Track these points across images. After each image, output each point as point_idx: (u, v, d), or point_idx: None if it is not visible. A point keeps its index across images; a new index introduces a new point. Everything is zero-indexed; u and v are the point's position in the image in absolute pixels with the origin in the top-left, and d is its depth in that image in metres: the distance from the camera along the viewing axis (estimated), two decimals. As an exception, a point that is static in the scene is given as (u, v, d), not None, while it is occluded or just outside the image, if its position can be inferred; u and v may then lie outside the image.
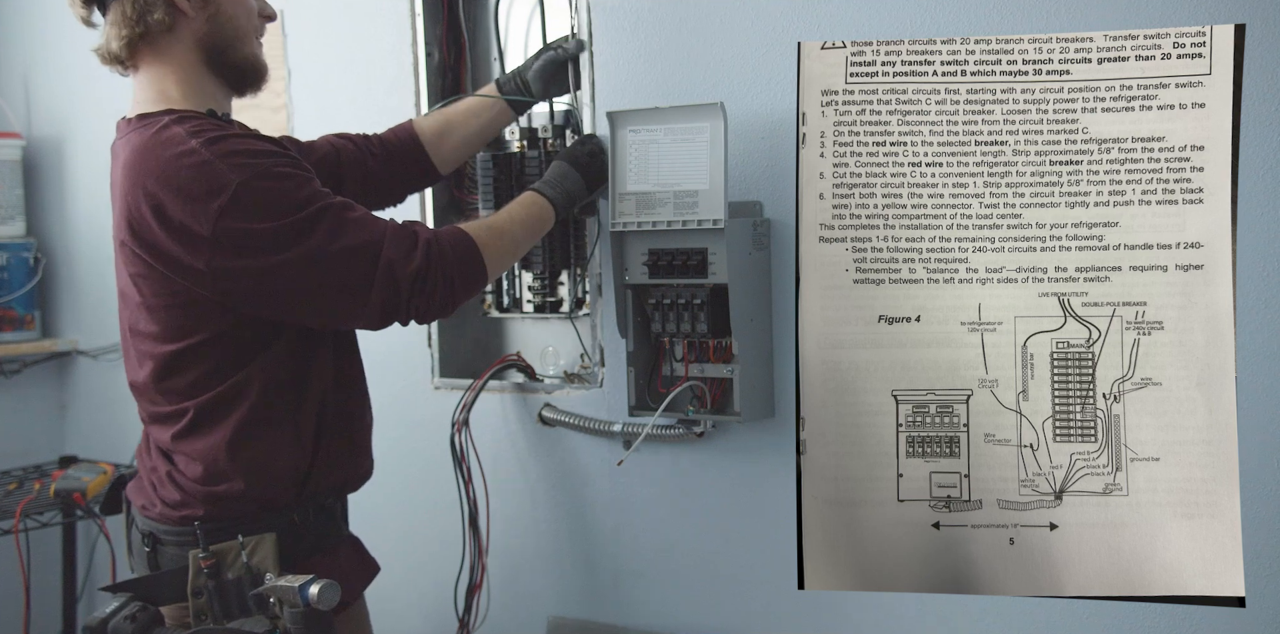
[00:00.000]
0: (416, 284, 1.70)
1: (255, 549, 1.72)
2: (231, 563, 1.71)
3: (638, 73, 2.12)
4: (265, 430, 1.74)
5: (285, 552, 1.75)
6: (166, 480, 1.77)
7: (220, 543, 1.72)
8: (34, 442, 3.21)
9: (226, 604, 1.70)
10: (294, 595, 1.62)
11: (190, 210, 1.61)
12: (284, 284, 1.66)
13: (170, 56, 1.74)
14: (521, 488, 2.34)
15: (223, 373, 1.72)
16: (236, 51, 1.78)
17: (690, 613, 2.16)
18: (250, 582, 1.70)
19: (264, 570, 1.71)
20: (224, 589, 1.70)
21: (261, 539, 1.73)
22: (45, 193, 3.25)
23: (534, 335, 2.42)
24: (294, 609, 1.62)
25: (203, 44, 1.75)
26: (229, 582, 1.70)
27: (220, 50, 1.76)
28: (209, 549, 1.71)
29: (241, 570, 1.71)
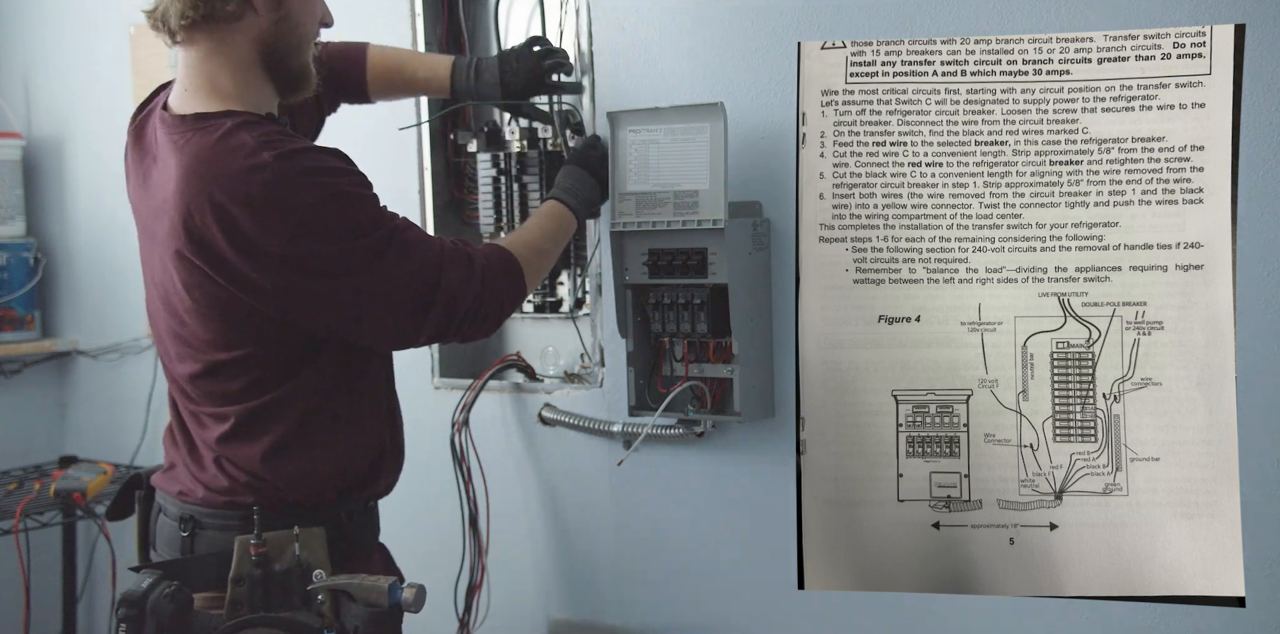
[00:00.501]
0: (471, 310, 1.71)
1: (306, 542, 1.67)
2: (282, 553, 1.66)
3: (638, 73, 2.12)
4: (306, 445, 1.71)
5: (332, 550, 1.70)
6: (213, 465, 1.72)
7: (273, 531, 1.66)
8: (34, 442, 3.21)
9: (269, 595, 1.64)
10: (381, 595, 1.59)
11: (261, 227, 1.57)
12: (346, 305, 1.65)
13: (228, 49, 1.67)
14: (521, 488, 2.34)
15: (267, 384, 1.69)
16: (295, 58, 1.73)
17: (691, 613, 2.16)
18: (299, 575, 1.65)
19: (313, 566, 1.66)
20: (270, 579, 1.64)
21: (312, 533, 1.68)
22: (45, 193, 3.25)
23: (534, 335, 2.42)
24: (372, 609, 1.59)
25: (264, 44, 1.68)
26: (276, 572, 1.65)
27: (280, 54, 1.70)
28: (262, 536, 1.64)
29: (291, 562, 1.66)
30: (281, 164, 1.58)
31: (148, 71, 2.89)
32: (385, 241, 1.64)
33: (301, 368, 1.70)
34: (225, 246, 1.58)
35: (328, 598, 1.64)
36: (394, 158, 2.43)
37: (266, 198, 1.57)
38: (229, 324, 1.66)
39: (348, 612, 1.64)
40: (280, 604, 1.64)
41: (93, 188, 3.13)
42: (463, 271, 1.69)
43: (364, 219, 1.63)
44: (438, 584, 2.34)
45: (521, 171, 2.27)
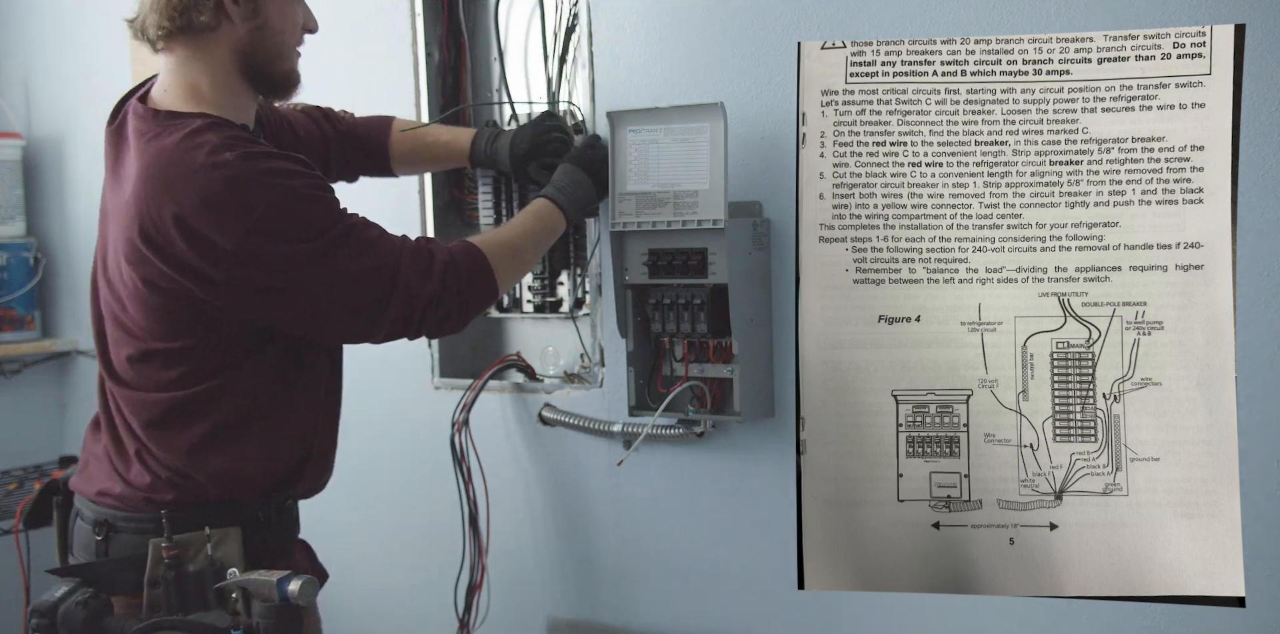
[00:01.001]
0: (430, 307, 1.71)
1: (221, 543, 1.70)
2: (195, 554, 1.69)
3: (638, 73, 2.12)
4: (237, 438, 1.73)
5: (248, 548, 1.72)
6: (135, 459, 1.73)
7: (185, 533, 1.69)
8: (34, 442, 3.21)
9: (184, 597, 1.66)
10: (270, 590, 1.60)
11: (216, 223, 1.60)
12: (300, 303, 1.66)
13: (206, 56, 1.72)
14: (521, 488, 2.34)
15: (204, 374, 1.71)
16: (275, 65, 1.76)
17: (690, 613, 2.16)
18: (213, 575, 1.67)
19: (228, 565, 1.68)
20: (184, 581, 1.67)
21: (228, 533, 1.71)
22: (45, 193, 3.25)
23: (534, 335, 2.42)
24: (267, 604, 1.60)
25: (242, 52, 1.73)
26: (190, 574, 1.67)
27: (259, 62, 1.74)
28: (173, 539, 1.67)
29: (204, 563, 1.68)
30: (242, 164, 1.61)
31: (148, 71, 2.86)
32: (340, 240, 1.65)
33: (242, 360, 1.72)
34: (179, 241, 1.61)
35: (240, 596, 1.65)
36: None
37: (224, 195, 1.60)
38: (172, 316, 1.68)
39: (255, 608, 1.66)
40: (196, 605, 1.67)
41: (93, 188, 3.11)
42: (420, 269, 1.70)
43: (320, 219, 1.65)
44: (438, 584, 2.34)
45: (521, 171, 2.27)
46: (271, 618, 1.61)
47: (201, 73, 1.72)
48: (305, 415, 1.79)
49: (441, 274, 1.72)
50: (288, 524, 1.84)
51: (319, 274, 1.64)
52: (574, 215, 2.01)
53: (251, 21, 1.72)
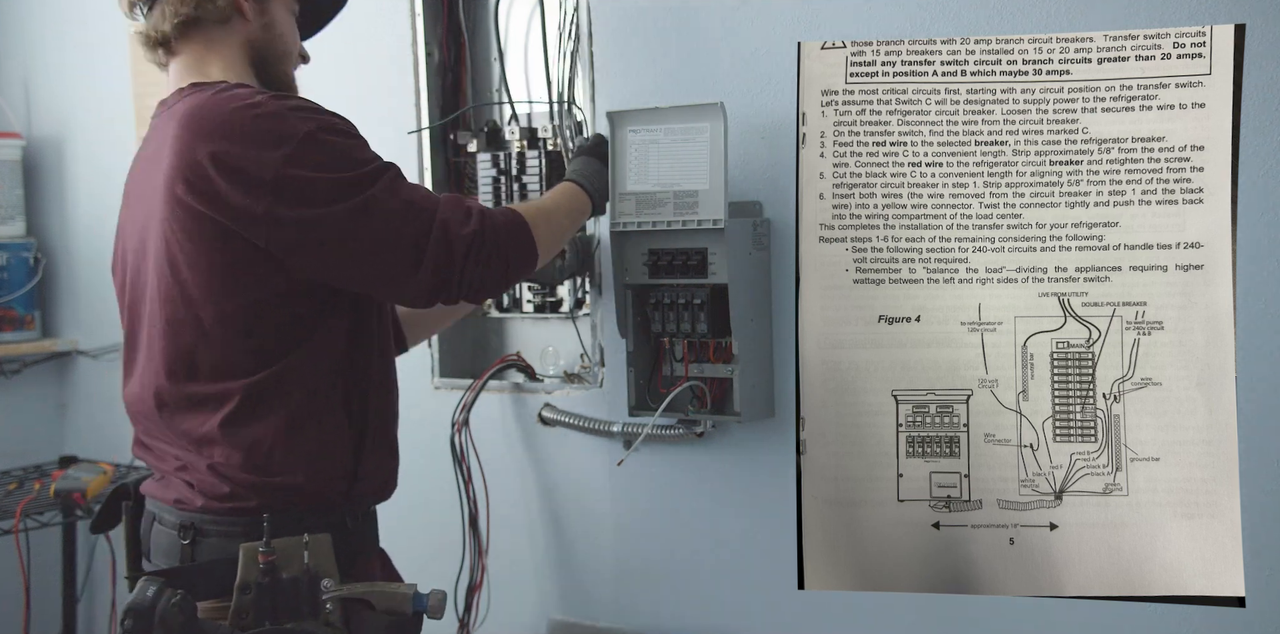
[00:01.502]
0: (472, 249, 1.65)
1: (315, 549, 1.64)
2: (289, 561, 1.62)
3: (638, 73, 2.12)
4: (322, 417, 1.68)
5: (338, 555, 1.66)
6: (209, 473, 1.67)
7: (282, 537, 1.61)
8: (34, 442, 3.21)
9: (276, 604, 1.60)
10: (405, 602, 1.57)
11: (254, 156, 1.59)
12: (338, 236, 1.61)
13: (219, 47, 1.75)
14: (521, 487, 2.34)
15: (274, 351, 1.65)
16: (279, 66, 1.80)
17: (690, 613, 2.16)
18: (307, 583, 1.61)
19: (322, 573, 1.62)
20: (278, 587, 1.60)
21: (319, 539, 1.64)
22: (45, 193, 3.25)
23: (534, 335, 2.42)
24: (393, 617, 1.57)
25: (253, 47, 1.77)
26: (284, 581, 1.60)
27: (267, 60, 1.78)
28: (270, 544, 1.60)
29: (300, 570, 1.62)
30: (275, 102, 1.63)
31: (148, 71, 2.86)
32: (375, 175, 1.63)
33: (308, 335, 1.67)
34: (219, 181, 1.59)
35: (337, 606, 1.60)
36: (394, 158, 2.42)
37: (259, 128, 1.60)
38: (225, 273, 1.63)
39: (360, 620, 1.61)
40: (288, 613, 1.60)
41: (93, 188, 3.13)
42: (460, 214, 1.66)
43: (354, 153, 1.64)
44: (438, 584, 2.34)
45: (521, 171, 2.27)
46: (393, 630, 1.58)
47: (214, 64, 1.74)
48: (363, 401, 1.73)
49: (479, 220, 1.67)
50: (370, 531, 1.80)
51: (356, 204, 1.61)
52: (599, 201, 1.99)
53: (263, 18, 1.77)
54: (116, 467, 2.83)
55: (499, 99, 2.41)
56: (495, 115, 2.40)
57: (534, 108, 2.34)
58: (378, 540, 1.83)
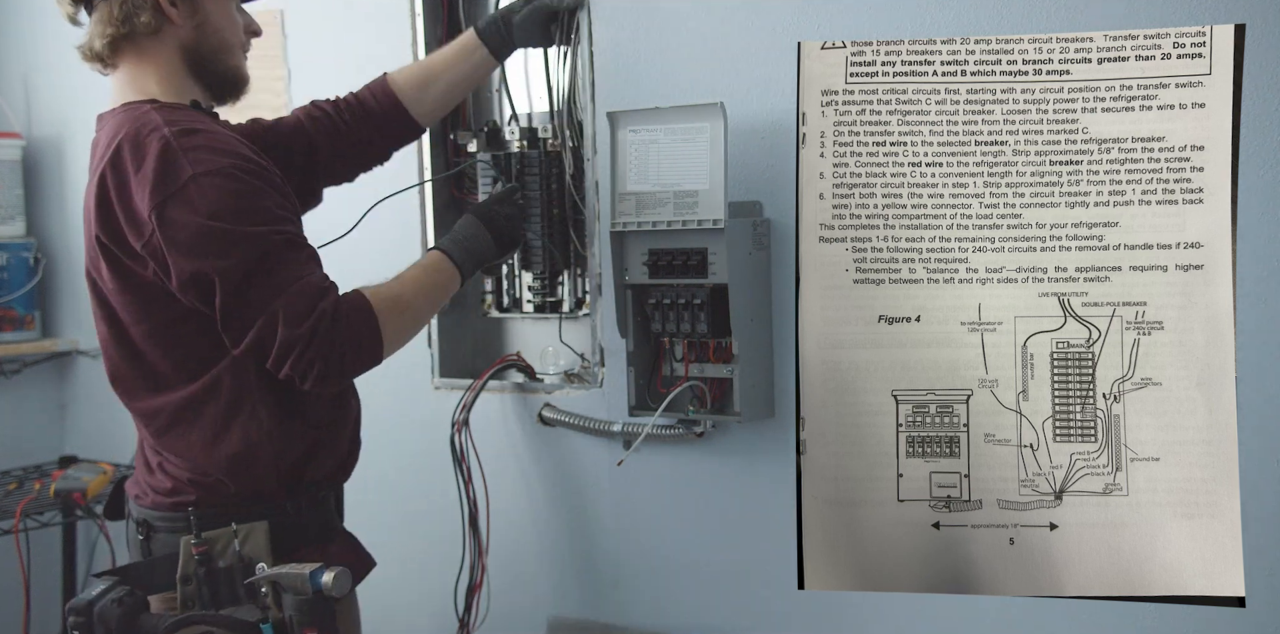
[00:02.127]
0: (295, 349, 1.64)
1: (248, 537, 1.72)
2: (223, 550, 1.71)
3: (638, 73, 2.12)
4: (251, 420, 1.74)
5: (277, 542, 1.74)
6: (157, 470, 1.78)
7: (213, 530, 1.71)
8: (34, 442, 3.21)
9: (216, 592, 1.70)
10: (303, 582, 1.59)
11: (141, 190, 1.64)
12: (194, 287, 1.65)
13: (153, 57, 1.78)
14: (521, 488, 2.34)
15: (203, 361, 1.72)
16: (220, 62, 1.81)
17: (690, 613, 2.16)
18: (242, 570, 1.69)
19: (256, 559, 1.70)
20: (214, 577, 1.70)
21: (254, 528, 1.73)
22: (45, 193, 3.25)
23: (534, 335, 2.42)
24: (300, 597, 1.60)
25: (187, 50, 1.78)
26: (220, 569, 1.70)
27: (204, 59, 1.80)
28: (201, 536, 1.70)
29: (233, 558, 1.71)
30: (177, 139, 1.65)
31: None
32: (249, 236, 1.63)
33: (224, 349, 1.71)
34: (115, 203, 1.67)
35: (270, 590, 1.65)
36: (394, 158, 2.43)
37: (155, 165, 1.63)
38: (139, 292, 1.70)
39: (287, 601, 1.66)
40: (227, 600, 1.69)
41: (93, 188, 3.13)
42: (301, 306, 1.64)
43: (237, 201, 1.64)
44: (438, 584, 2.34)
45: (521, 171, 2.27)
46: (305, 611, 1.61)
47: (149, 74, 1.78)
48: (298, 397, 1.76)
49: (315, 320, 1.65)
50: (321, 515, 1.82)
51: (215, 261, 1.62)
52: (468, 271, 1.93)
53: (192, 20, 1.78)
54: (116, 467, 2.83)
55: (498, 99, 2.41)
56: (495, 115, 2.40)
57: (534, 107, 2.34)
58: (337, 523, 1.87)
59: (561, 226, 2.27)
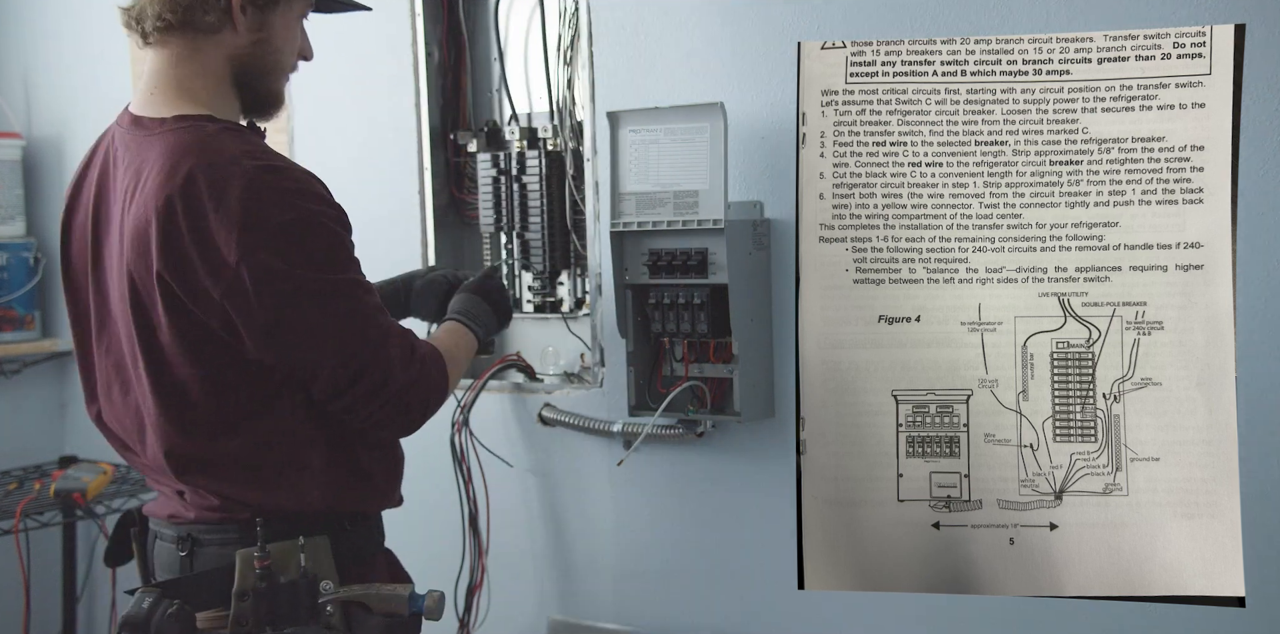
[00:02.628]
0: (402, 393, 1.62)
1: (312, 552, 1.62)
2: (287, 565, 1.60)
3: (638, 73, 2.12)
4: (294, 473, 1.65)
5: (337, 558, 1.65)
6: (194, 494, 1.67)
7: (276, 542, 1.60)
8: (34, 442, 3.21)
9: (275, 609, 1.58)
10: (400, 605, 1.56)
11: (226, 232, 1.53)
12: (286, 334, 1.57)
13: (202, 57, 1.66)
14: (521, 488, 2.34)
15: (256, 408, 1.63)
16: (266, 83, 1.71)
17: (690, 613, 2.16)
18: (306, 587, 1.59)
19: (321, 576, 1.61)
20: (276, 592, 1.58)
21: (317, 542, 1.63)
22: (45, 193, 3.25)
23: (534, 335, 2.42)
24: (390, 618, 1.56)
25: (238, 61, 1.67)
26: (282, 585, 1.59)
27: (253, 74, 1.69)
28: (265, 548, 1.58)
29: (297, 573, 1.60)
30: (263, 176, 1.55)
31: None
32: (342, 285, 1.59)
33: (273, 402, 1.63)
34: (188, 240, 1.54)
35: (337, 609, 1.59)
36: (394, 158, 2.43)
37: (240, 207, 1.53)
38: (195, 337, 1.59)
39: (361, 622, 1.60)
40: (287, 618, 1.59)
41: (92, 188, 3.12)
42: (405, 351, 1.63)
43: (329, 252, 1.59)
44: (438, 584, 2.34)
45: (521, 171, 2.27)
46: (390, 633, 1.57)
47: (195, 75, 1.66)
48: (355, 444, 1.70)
49: (420, 364, 1.64)
50: (372, 531, 1.77)
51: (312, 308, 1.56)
52: (483, 339, 1.95)
53: (256, 33, 1.67)
54: (116, 467, 2.83)
55: (499, 99, 2.41)
56: (495, 115, 2.41)
57: (534, 107, 2.34)
58: (383, 541, 1.81)
59: (561, 226, 2.27)
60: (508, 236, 2.33)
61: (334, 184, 1.70)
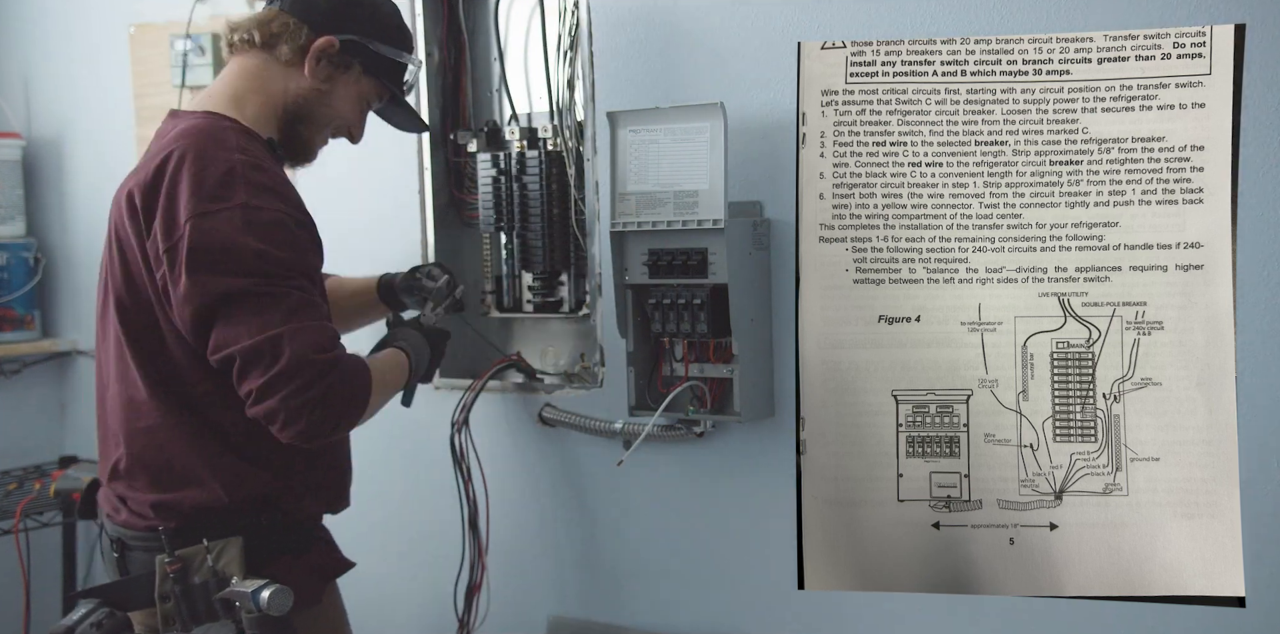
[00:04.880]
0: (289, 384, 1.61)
1: (221, 553, 1.72)
2: (198, 567, 1.71)
3: (638, 73, 2.12)
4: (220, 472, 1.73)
5: (253, 551, 1.73)
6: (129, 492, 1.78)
7: (187, 547, 1.71)
8: (34, 442, 3.21)
9: (193, 609, 1.70)
10: (247, 600, 1.63)
11: (191, 195, 1.63)
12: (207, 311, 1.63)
13: (267, 78, 1.80)
14: (521, 488, 2.34)
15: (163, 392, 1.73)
16: (306, 129, 1.83)
17: (690, 613, 2.16)
18: (216, 585, 1.70)
19: (230, 574, 1.70)
20: (190, 593, 1.70)
21: (228, 543, 1.72)
22: (45, 193, 3.25)
23: (534, 335, 2.42)
24: (251, 615, 1.63)
25: (296, 100, 1.81)
26: (195, 586, 1.70)
27: (300, 116, 1.82)
28: (175, 554, 1.70)
29: (208, 574, 1.71)
30: (246, 169, 1.65)
31: (148, 72, 2.89)
32: (282, 275, 1.63)
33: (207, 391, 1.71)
34: (160, 204, 1.65)
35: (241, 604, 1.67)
36: (394, 158, 2.43)
37: (212, 180, 1.63)
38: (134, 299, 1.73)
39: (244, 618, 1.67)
40: (204, 616, 1.70)
41: (93, 188, 3.12)
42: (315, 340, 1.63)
43: (281, 244, 1.64)
44: (438, 584, 2.34)
45: (521, 171, 2.27)
46: (257, 628, 1.64)
47: (251, 90, 1.79)
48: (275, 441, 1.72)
49: (333, 363, 1.64)
50: (293, 525, 1.81)
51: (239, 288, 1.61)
52: (415, 378, 1.98)
53: (320, 84, 1.81)
54: (116, 467, 2.82)
55: (499, 99, 2.41)
56: (495, 115, 2.40)
57: (534, 107, 2.34)
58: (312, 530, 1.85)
59: (562, 226, 2.27)
60: (508, 236, 2.33)
61: (334, 184, 1.71)
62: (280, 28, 1.78)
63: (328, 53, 1.79)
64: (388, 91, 1.90)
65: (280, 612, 1.63)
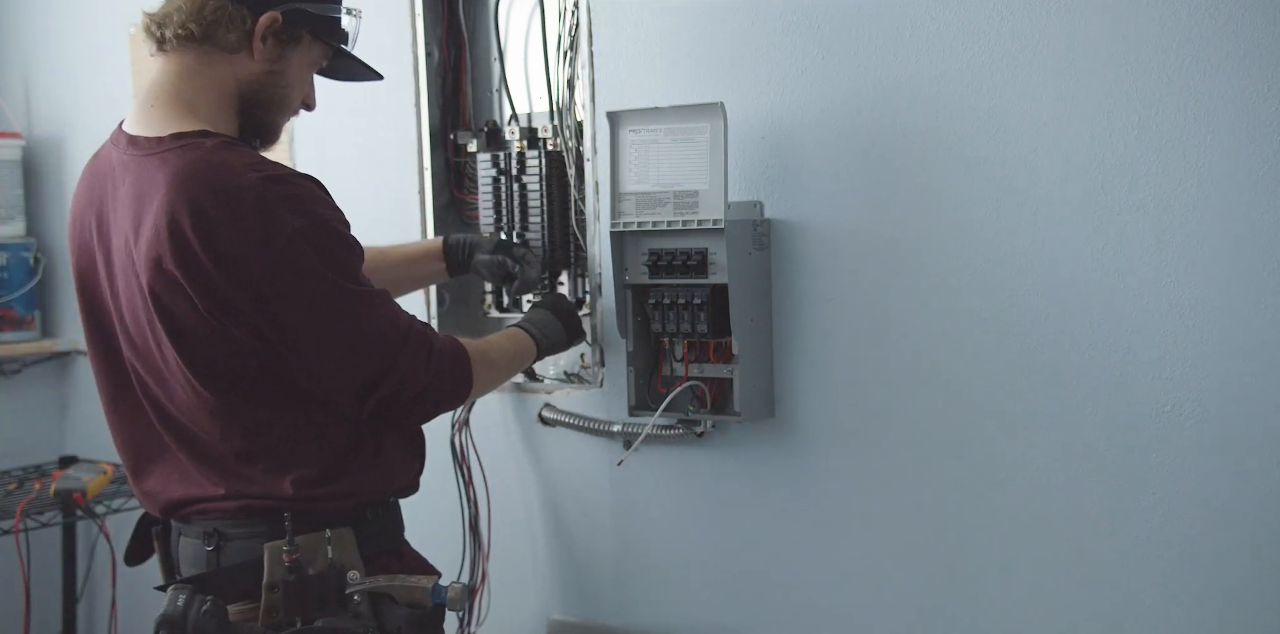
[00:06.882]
0: (418, 396, 1.69)
1: (338, 544, 1.65)
2: (315, 557, 1.63)
3: (638, 73, 2.12)
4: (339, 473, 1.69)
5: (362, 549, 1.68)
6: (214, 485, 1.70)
7: (304, 535, 1.63)
8: (34, 442, 3.21)
9: (304, 601, 1.61)
10: (424, 595, 1.59)
11: (243, 244, 1.56)
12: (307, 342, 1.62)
13: (212, 74, 1.68)
14: (521, 488, 2.34)
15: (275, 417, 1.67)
16: (268, 114, 1.74)
17: (690, 613, 2.16)
18: (334, 577, 1.62)
19: (347, 567, 1.64)
20: (305, 584, 1.61)
21: (343, 533, 1.66)
22: (45, 193, 3.25)
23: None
24: (414, 610, 1.58)
25: (248, 87, 1.70)
26: (311, 577, 1.62)
27: (258, 102, 1.72)
28: (294, 541, 1.61)
29: (325, 565, 1.63)
30: (270, 187, 1.58)
31: (147, 72, 2.87)
32: (357, 293, 1.64)
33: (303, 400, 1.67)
34: (204, 258, 1.56)
35: (364, 599, 1.62)
36: (394, 158, 2.43)
37: (256, 219, 1.56)
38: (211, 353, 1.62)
39: (388, 612, 1.63)
40: (317, 608, 1.62)
41: (93, 188, 3.13)
42: (420, 356, 1.68)
43: (341, 256, 1.63)
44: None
45: (521, 171, 2.27)
46: (416, 624, 1.60)
47: (200, 89, 1.68)
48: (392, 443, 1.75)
49: (435, 368, 1.70)
50: (393, 521, 1.80)
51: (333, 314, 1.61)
52: (545, 351, 2.02)
53: (271, 64, 1.70)
54: (116, 466, 2.82)
55: (498, 99, 2.41)
56: (495, 114, 2.41)
57: (534, 107, 2.34)
58: (403, 532, 1.83)
59: (562, 226, 2.27)
60: (508, 236, 2.33)
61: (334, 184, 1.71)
62: (217, 14, 1.65)
63: (273, 30, 1.68)
64: (332, 49, 1.79)
65: (461, 609, 1.61)
